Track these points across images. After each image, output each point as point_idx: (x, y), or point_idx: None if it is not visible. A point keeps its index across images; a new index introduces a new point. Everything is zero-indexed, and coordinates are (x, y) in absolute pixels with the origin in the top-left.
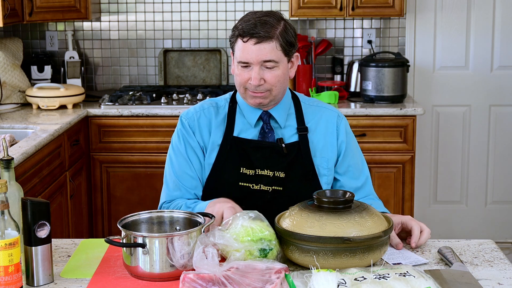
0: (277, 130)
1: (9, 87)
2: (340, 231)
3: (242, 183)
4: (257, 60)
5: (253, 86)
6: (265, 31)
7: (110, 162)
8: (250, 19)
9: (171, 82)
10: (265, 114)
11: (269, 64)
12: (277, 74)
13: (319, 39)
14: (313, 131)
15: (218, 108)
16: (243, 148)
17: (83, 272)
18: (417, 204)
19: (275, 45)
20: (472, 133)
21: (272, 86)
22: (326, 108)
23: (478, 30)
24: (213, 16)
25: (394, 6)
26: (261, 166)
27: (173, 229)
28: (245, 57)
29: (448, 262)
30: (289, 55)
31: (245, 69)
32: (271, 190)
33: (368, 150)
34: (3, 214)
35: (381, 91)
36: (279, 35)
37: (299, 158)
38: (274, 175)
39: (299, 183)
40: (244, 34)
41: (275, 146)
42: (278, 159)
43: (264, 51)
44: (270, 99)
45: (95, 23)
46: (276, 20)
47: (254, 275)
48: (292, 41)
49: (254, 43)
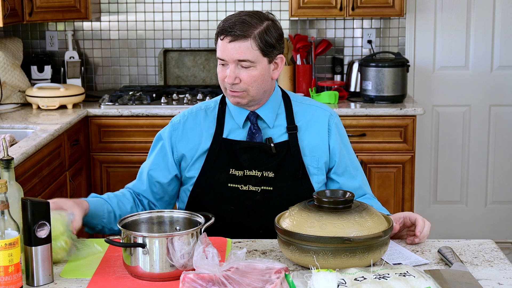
0: (265, 130)
1: (9, 87)
2: (340, 231)
3: (231, 184)
4: (231, 58)
5: (228, 84)
6: (241, 30)
7: (110, 162)
8: (231, 18)
9: (171, 82)
10: (252, 114)
11: (245, 63)
12: (253, 74)
13: (319, 39)
14: (304, 130)
15: (207, 111)
16: (232, 149)
17: (83, 272)
18: (417, 204)
19: (251, 45)
20: (472, 133)
21: (248, 86)
22: (318, 106)
23: (478, 30)
24: (213, 16)
25: (394, 6)
26: (249, 166)
27: (173, 229)
28: (221, 55)
29: (448, 262)
30: (269, 56)
31: (223, 67)
32: (260, 190)
33: (368, 150)
34: (3, 214)
35: (381, 91)
36: (256, 35)
37: (288, 157)
38: (263, 175)
39: (289, 182)
40: (222, 32)
41: (263, 146)
42: (267, 159)
43: (238, 49)
44: (248, 99)
45: (95, 23)
46: (258, 20)
47: (254, 275)
48: (272, 42)
49: (229, 41)
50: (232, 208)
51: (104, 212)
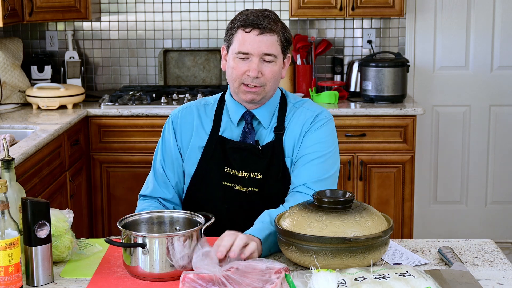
0: (259, 131)
1: (9, 87)
2: (340, 231)
3: (226, 182)
4: (258, 51)
5: (250, 78)
6: (268, 23)
7: (110, 162)
8: (251, 12)
9: (171, 82)
10: (248, 114)
11: (268, 57)
12: (274, 70)
13: (319, 39)
14: (287, 131)
15: (206, 107)
16: (225, 147)
17: (83, 272)
18: (417, 204)
19: (276, 39)
20: (472, 133)
21: (267, 82)
22: (308, 109)
23: (478, 30)
24: (213, 16)
25: (394, 6)
26: (237, 167)
27: (173, 229)
28: (245, 48)
29: (448, 262)
30: (285, 53)
31: (242, 61)
32: (248, 192)
33: (368, 150)
34: (3, 214)
35: (381, 91)
36: (279, 30)
37: (273, 158)
38: (250, 177)
39: (274, 184)
40: (247, 25)
41: (253, 148)
42: (255, 161)
43: (266, 43)
44: (262, 96)
45: (95, 23)
46: (276, 17)
47: (254, 275)
48: (290, 39)
49: (257, 34)
50: (226, 207)
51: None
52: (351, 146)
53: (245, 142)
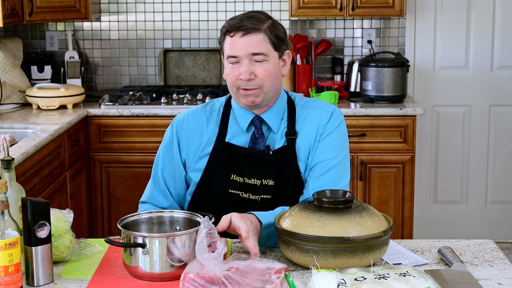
0: (270, 136)
1: (9, 87)
2: (340, 231)
3: (232, 190)
4: (245, 52)
5: (243, 81)
6: (252, 23)
7: (110, 162)
8: (236, 17)
9: (171, 82)
10: (257, 119)
11: (258, 57)
12: (267, 68)
13: (319, 39)
14: (301, 134)
15: (211, 113)
16: (234, 154)
17: (83, 272)
18: (417, 204)
19: (263, 38)
20: (472, 133)
21: (263, 81)
22: (319, 108)
23: (478, 30)
24: (213, 16)
25: (394, 6)
26: (248, 174)
27: (173, 229)
28: (233, 51)
29: (448, 262)
30: (279, 50)
31: (235, 66)
32: (259, 199)
33: (368, 150)
34: (3, 214)
35: (381, 91)
36: (266, 28)
37: (285, 164)
38: (262, 183)
39: (286, 189)
40: (231, 29)
41: (263, 154)
42: (266, 167)
43: (252, 42)
44: (262, 97)
45: (95, 23)
46: (264, 16)
47: (254, 275)
48: (281, 36)
49: (241, 36)
50: None
51: None
52: (351, 146)
53: (255, 148)
